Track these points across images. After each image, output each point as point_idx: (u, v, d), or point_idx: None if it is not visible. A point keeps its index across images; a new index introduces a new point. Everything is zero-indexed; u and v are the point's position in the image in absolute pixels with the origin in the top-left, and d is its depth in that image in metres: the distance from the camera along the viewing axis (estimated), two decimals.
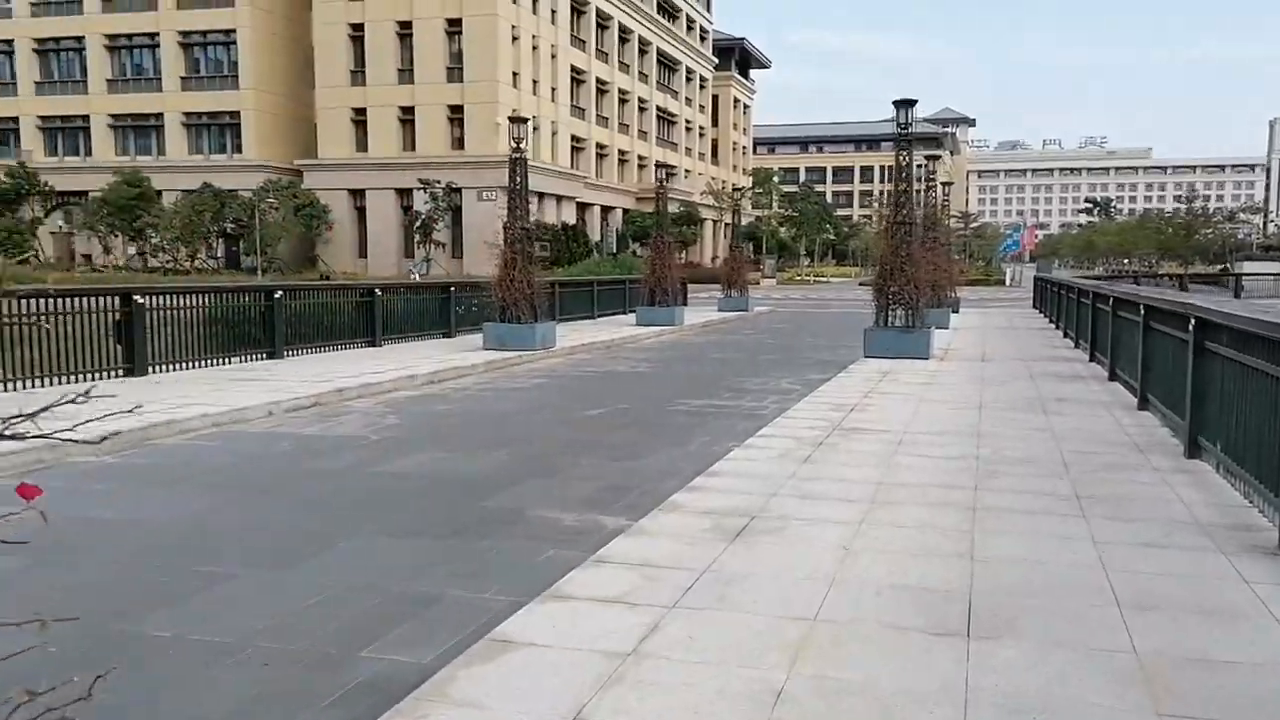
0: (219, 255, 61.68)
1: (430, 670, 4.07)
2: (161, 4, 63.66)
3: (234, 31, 63.04)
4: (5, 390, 12.28)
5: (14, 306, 12.94)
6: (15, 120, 67.42)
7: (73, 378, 13.27)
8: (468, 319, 21.60)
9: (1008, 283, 69.34)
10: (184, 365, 15.21)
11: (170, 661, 4.43)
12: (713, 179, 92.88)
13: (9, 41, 66.35)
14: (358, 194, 62.64)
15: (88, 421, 2.06)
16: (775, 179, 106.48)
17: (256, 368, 15.68)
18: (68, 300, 13.91)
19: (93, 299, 14.21)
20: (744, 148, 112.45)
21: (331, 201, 61.45)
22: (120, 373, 14.24)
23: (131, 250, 60.09)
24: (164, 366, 14.85)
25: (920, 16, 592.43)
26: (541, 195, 61.55)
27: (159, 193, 60.22)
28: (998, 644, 4.25)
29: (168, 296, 15.39)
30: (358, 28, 61.59)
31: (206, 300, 16.23)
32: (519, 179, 18.84)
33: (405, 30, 61.21)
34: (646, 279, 27.47)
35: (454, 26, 60.59)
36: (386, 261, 60.32)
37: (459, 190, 58.48)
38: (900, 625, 4.48)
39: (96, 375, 13.88)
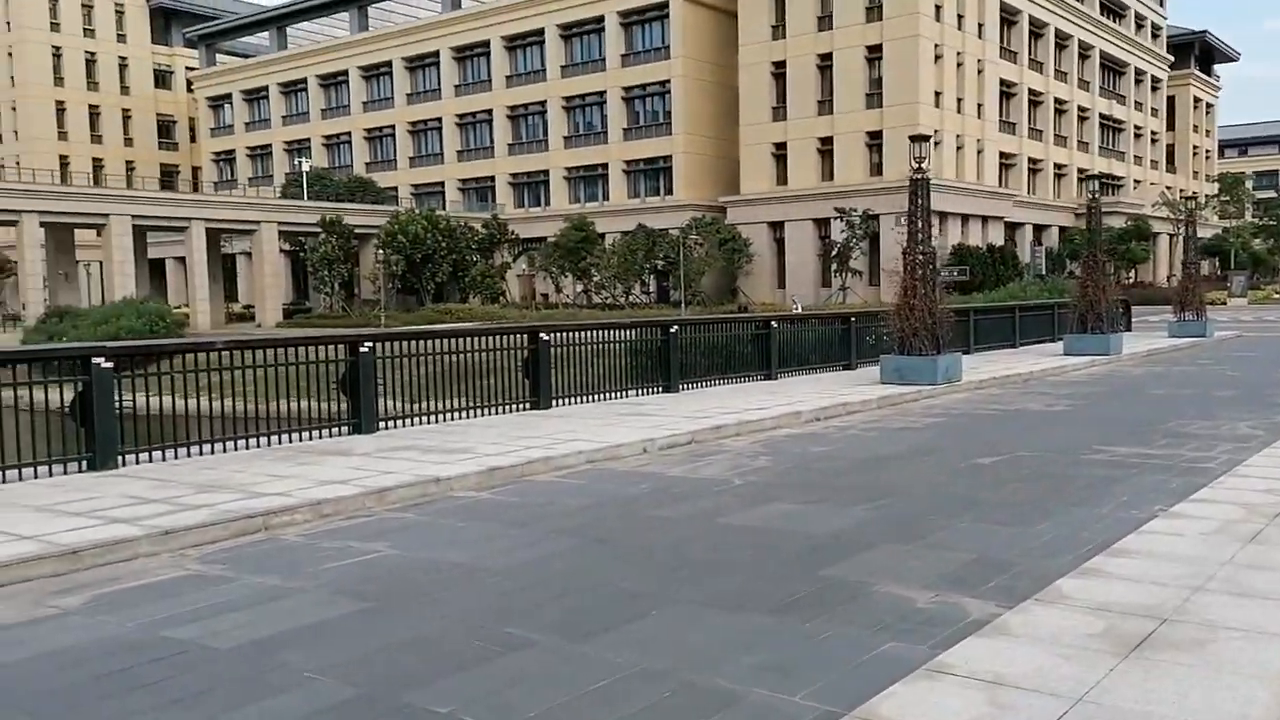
0: (650, 290, 65.64)
1: None
2: (609, 64, 69.37)
3: (668, 82, 67.06)
4: (450, 419, 13.35)
5: (465, 343, 14.24)
6: (492, 178, 76.87)
7: (487, 410, 14.25)
8: (871, 350, 20.50)
9: None
10: (583, 399, 15.74)
11: None
12: (1168, 188, 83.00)
13: (489, 111, 75.81)
14: (776, 226, 63.68)
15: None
16: (1247, 184, 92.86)
17: (648, 402, 15.83)
18: (493, 338, 15.01)
19: (508, 336, 15.20)
20: (1206, 151, 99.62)
21: (752, 235, 63.03)
22: (527, 406, 15.02)
23: (578, 288, 65.82)
24: (565, 400, 15.46)
25: None
26: (966, 217, 58.56)
27: (601, 235, 65.48)
28: None
29: (570, 333, 16.06)
30: (779, 65, 62.84)
31: (605, 335, 16.73)
32: (920, 200, 17.53)
33: (825, 62, 61.42)
34: (1076, 302, 24.58)
35: (874, 52, 59.75)
36: (804, 291, 60.55)
37: (876, 217, 57.28)
38: None
39: (508, 408, 14.78)
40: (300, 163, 76.86)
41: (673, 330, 17.21)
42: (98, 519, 7.64)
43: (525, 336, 15.23)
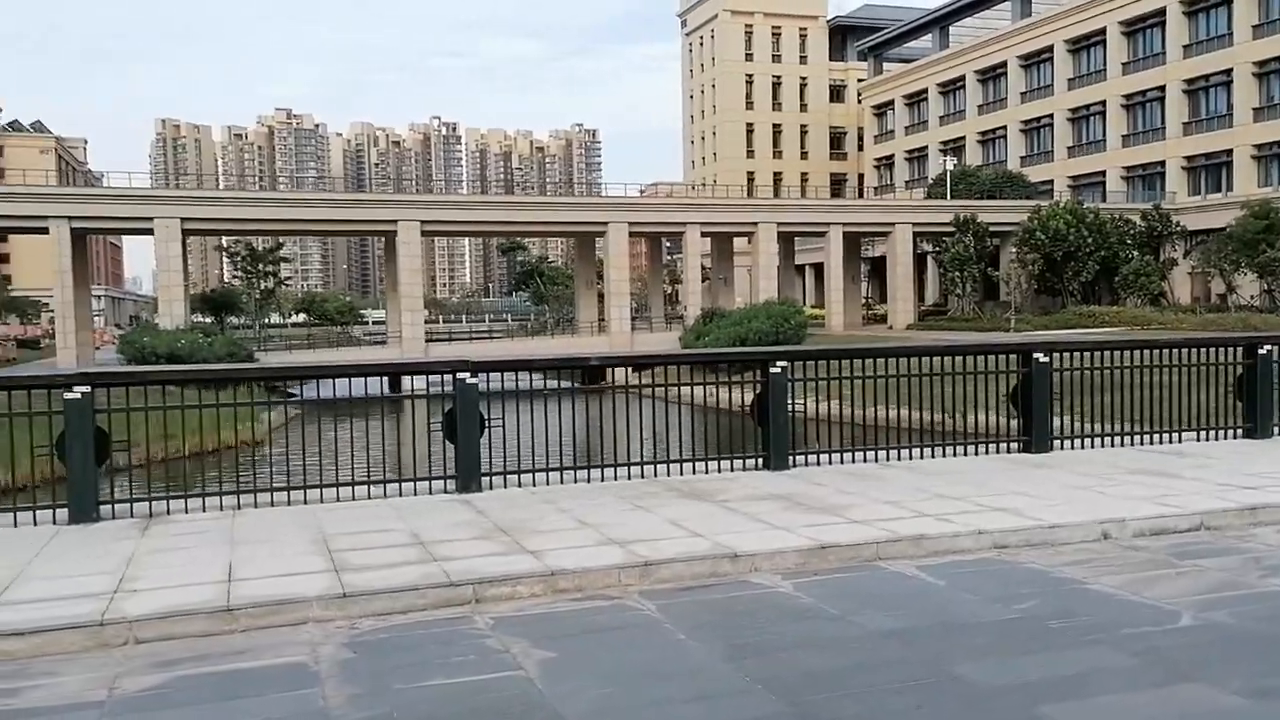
0: None
1: None
2: None
3: None
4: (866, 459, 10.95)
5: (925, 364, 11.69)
6: (1161, 164, 67.32)
7: (961, 449, 11.41)
8: None
9: None
10: (1103, 441, 11.95)
11: None
12: None
13: (1160, 88, 66.47)
14: None
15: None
16: None
17: (1201, 453, 11.37)
18: (966, 359, 12.06)
19: (990, 358, 12.04)
20: None
21: None
22: (1017, 446, 11.71)
23: (1263, 287, 54.28)
24: (1071, 442, 11.85)
25: None
26: None
27: None
28: None
29: (1087, 354, 12.26)
30: None
31: (1140, 358, 12.46)
32: None
33: None
34: None
35: None
36: None
37: None
38: None
39: (992, 448, 11.69)
40: (945, 161, 75.03)
41: (1263, 351, 12.25)
42: None
43: (1014, 357, 11.86)
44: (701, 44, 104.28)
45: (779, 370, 10.77)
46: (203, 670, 5.44)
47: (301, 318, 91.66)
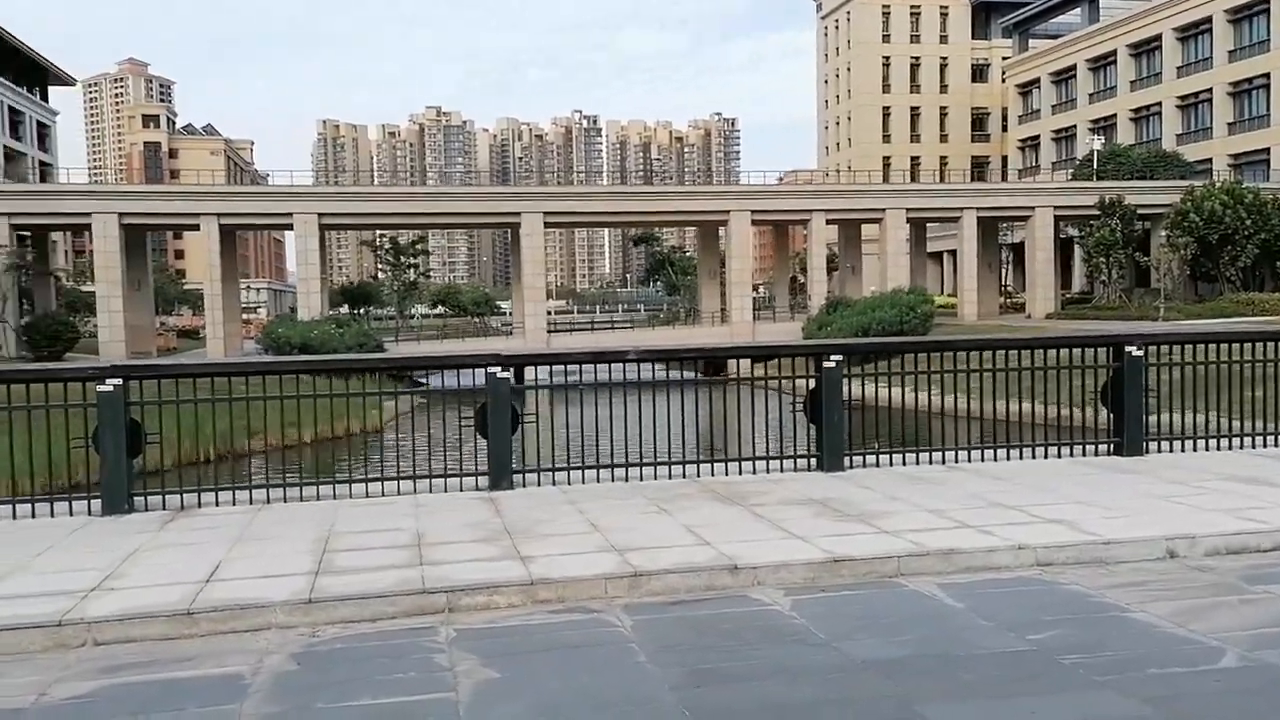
0: None
1: None
2: None
3: None
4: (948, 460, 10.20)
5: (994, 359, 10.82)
6: None
7: (1024, 452, 10.59)
8: None
9: None
10: (1218, 441, 10.81)
11: None
12: None
13: None
14: None
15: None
16: None
17: None
18: (1045, 353, 11.11)
19: (1074, 351, 11.06)
20: None
21: None
22: (1109, 448, 10.73)
23: None
24: (1175, 444, 10.78)
25: None
26: None
27: None
28: None
29: (1189, 345, 11.06)
30: None
31: (1257, 351, 11.18)
32: None
33: None
34: None
35: None
36: None
37: None
38: None
39: (1079, 449, 10.77)
40: (1093, 140, 70.93)
41: None
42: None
43: (1104, 351, 10.83)
44: (837, 27, 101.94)
45: (833, 365, 10.10)
46: (140, 679, 5.29)
47: (440, 309, 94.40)
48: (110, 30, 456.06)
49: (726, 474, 10.03)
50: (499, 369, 9.52)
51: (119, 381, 8.79)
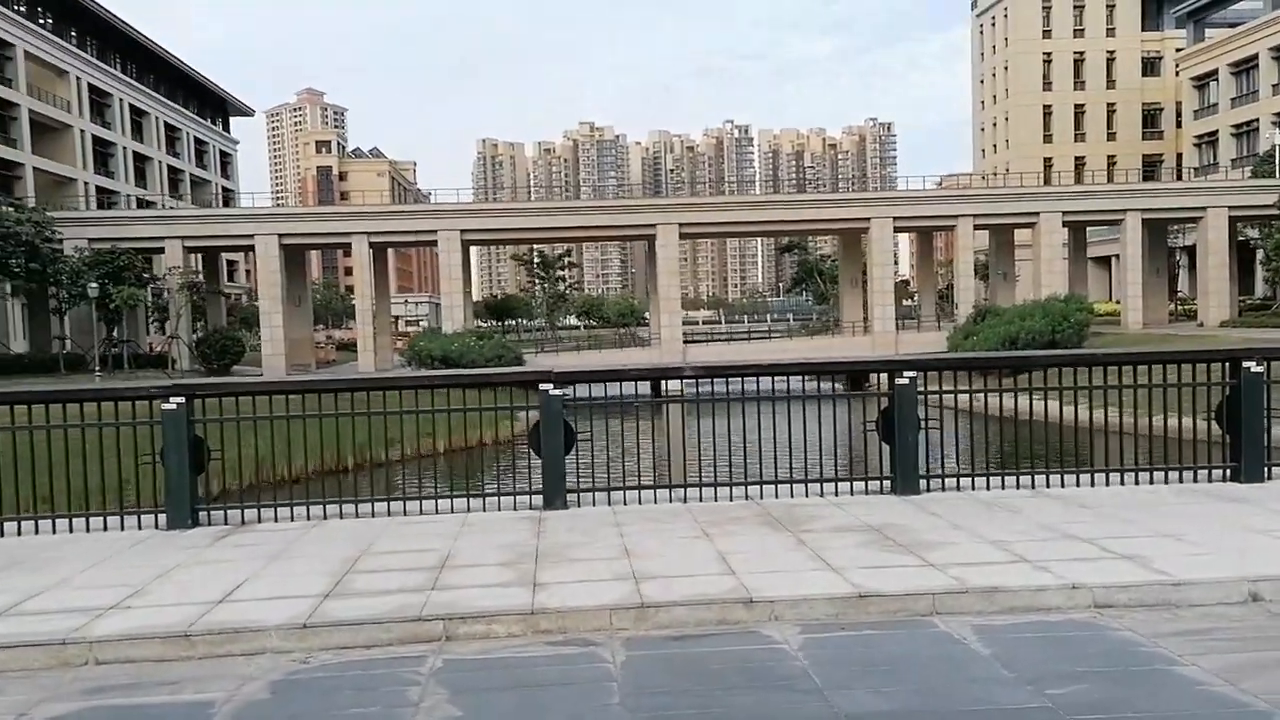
0: None
1: None
2: None
3: None
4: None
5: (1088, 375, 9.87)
6: None
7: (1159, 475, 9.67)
8: None
9: None
10: None
11: None
12: None
13: None
14: None
15: None
16: None
17: None
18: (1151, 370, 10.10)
19: (1185, 368, 10.03)
20: None
21: None
22: (1225, 474, 9.73)
23: None
24: None
25: None
26: None
27: None
28: None
29: None
30: None
31: None
32: None
33: None
34: None
35: None
36: None
37: None
38: None
39: (1198, 474, 9.79)
40: (1275, 134, 65.59)
41: None
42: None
43: (1221, 366, 9.79)
44: (993, 24, 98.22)
45: (906, 381, 9.48)
46: (118, 702, 5.31)
47: (586, 321, 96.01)
48: (296, 61, 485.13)
49: (791, 495, 9.55)
50: (550, 385, 9.36)
51: (182, 400, 9.07)
